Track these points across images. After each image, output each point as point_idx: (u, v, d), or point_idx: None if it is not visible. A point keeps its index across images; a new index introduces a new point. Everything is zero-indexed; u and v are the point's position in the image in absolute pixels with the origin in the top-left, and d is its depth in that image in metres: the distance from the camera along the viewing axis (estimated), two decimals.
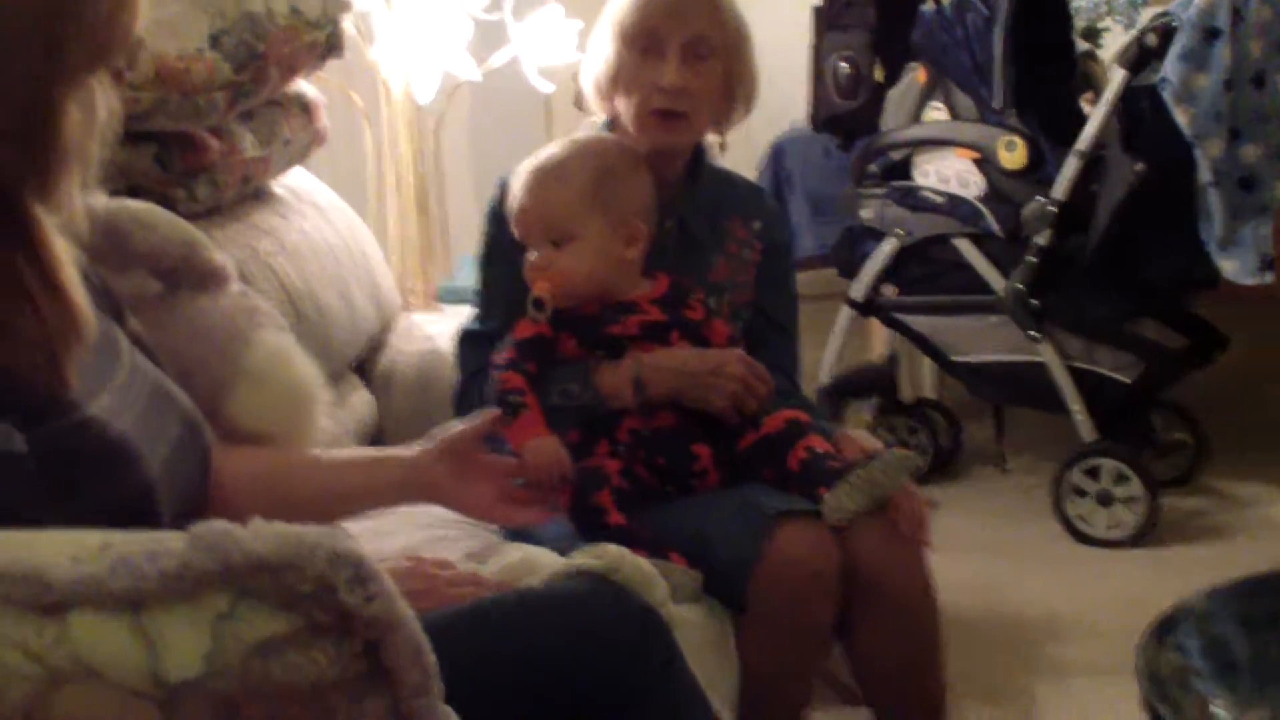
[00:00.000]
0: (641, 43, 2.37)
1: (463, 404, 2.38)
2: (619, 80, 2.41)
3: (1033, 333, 3.76)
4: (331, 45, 2.81)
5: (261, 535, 1.16)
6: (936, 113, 3.86)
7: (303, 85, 2.89)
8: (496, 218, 2.42)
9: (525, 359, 2.22)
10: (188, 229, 1.98)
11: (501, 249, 2.39)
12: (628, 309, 2.29)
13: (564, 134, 5.29)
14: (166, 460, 1.57)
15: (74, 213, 1.46)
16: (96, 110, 1.44)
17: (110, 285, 1.74)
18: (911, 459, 2.23)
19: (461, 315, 2.55)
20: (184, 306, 1.94)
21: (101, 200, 1.81)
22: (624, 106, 2.41)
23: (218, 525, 1.17)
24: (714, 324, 2.37)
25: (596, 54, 2.45)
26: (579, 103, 5.52)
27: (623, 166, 2.33)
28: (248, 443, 1.87)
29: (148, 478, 1.50)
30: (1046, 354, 3.77)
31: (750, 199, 2.56)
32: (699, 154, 2.50)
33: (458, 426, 1.93)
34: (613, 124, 2.47)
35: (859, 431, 2.53)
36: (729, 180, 2.58)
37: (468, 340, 2.46)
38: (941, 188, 3.85)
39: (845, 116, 4.04)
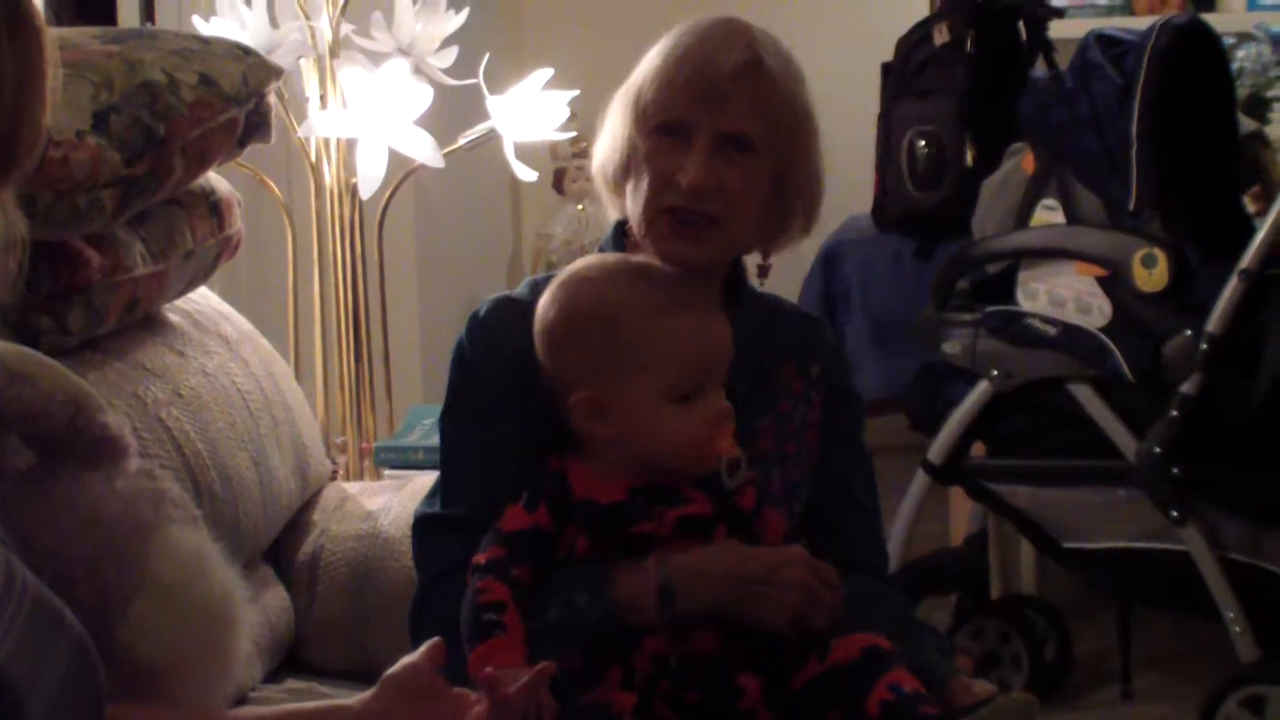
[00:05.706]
0: (661, 124, 2.25)
1: (421, 619, 2.25)
2: (630, 168, 2.28)
3: (1175, 512, 3.65)
4: (254, 126, 2.75)
5: None
6: (1049, 213, 3.78)
7: (211, 176, 2.82)
8: (464, 363, 2.30)
9: (515, 560, 2.11)
10: (74, 382, 1.95)
11: (474, 405, 2.28)
12: (666, 497, 2.15)
13: (534, 228, 5.51)
14: (53, 700, 1.55)
15: None
16: None
17: None
18: (1033, 706, 2.12)
19: (412, 486, 2.63)
20: (65, 488, 1.89)
21: None
22: (632, 204, 2.28)
23: None
24: (768, 515, 2.23)
25: (607, 132, 2.33)
26: (559, 185, 5.78)
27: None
28: (140, 676, 1.82)
29: None
30: (1193, 541, 3.64)
31: (806, 336, 2.42)
32: (736, 276, 2.35)
33: (405, 660, 1.92)
34: (623, 229, 2.36)
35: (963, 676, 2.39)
36: (777, 310, 2.43)
37: (428, 529, 2.31)
38: (1054, 314, 3.76)
39: (924, 214, 4.06)
